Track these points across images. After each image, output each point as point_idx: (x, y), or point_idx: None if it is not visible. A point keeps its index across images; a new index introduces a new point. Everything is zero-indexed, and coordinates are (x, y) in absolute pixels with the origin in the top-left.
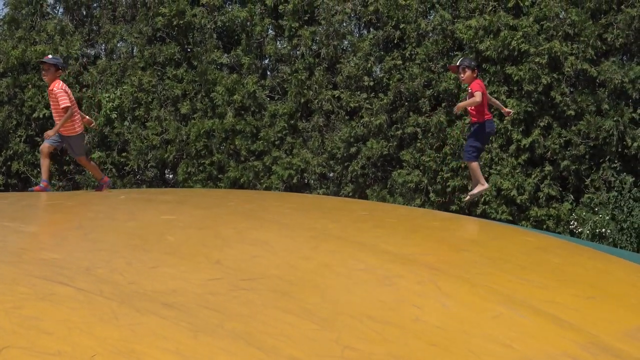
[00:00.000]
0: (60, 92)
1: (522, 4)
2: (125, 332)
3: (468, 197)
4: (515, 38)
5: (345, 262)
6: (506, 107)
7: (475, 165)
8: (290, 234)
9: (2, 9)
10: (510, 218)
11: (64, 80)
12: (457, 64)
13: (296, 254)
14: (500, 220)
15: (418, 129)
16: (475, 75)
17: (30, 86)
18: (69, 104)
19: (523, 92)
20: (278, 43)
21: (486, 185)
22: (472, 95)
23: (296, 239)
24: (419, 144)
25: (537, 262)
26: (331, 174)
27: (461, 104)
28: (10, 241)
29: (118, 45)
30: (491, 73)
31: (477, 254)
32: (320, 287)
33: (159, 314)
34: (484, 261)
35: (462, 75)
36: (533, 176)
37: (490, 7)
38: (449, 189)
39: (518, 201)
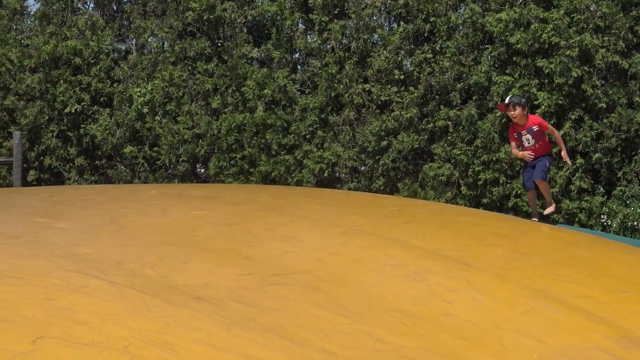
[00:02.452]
0: None
1: None
2: (158, 324)
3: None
4: (546, 31)
5: (375, 257)
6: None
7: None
8: (320, 230)
9: (33, 4)
10: (542, 211)
11: (96, 75)
12: (507, 101)
13: (326, 249)
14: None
15: (449, 122)
16: (526, 112)
17: (61, 81)
18: None
19: (554, 85)
20: (308, 37)
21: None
22: (539, 131)
23: (326, 234)
24: (450, 137)
25: (568, 257)
26: (362, 168)
27: (564, 152)
28: (42, 236)
29: (149, 40)
30: (522, 66)
31: (508, 248)
32: (351, 282)
33: (191, 307)
34: (514, 256)
35: (512, 112)
36: (564, 169)
37: (521, 0)
38: (480, 182)
39: None
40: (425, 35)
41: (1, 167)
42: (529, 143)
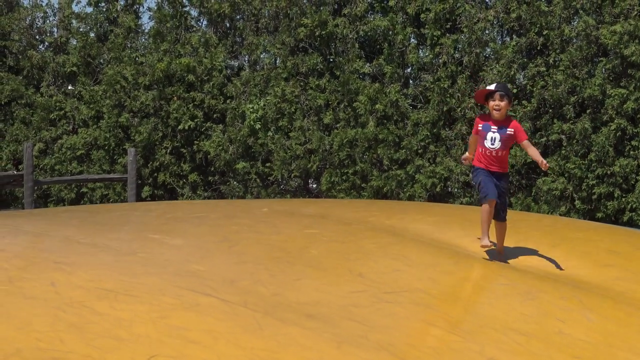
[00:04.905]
0: None
1: None
2: (269, 343)
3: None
4: None
5: (487, 276)
6: None
7: None
8: (431, 250)
9: (148, 22)
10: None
11: (209, 92)
12: (493, 88)
13: (438, 268)
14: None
15: (562, 136)
16: (509, 107)
17: (175, 98)
18: None
19: None
20: (420, 51)
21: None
22: (511, 137)
23: (437, 254)
24: (563, 151)
25: None
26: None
27: (539, 157)
28: (156, 253)
29: (261, 56)
30: (637, 78)
31: (622, 267)
32: (463, 300)
33: (302, 325)
34: (629, 275)
35: (499, 103)
36: None
37: (635, 12)
38: (594, 196)
39: None
40: (539, 48)
41: (116, 184)
42: (492, 144)
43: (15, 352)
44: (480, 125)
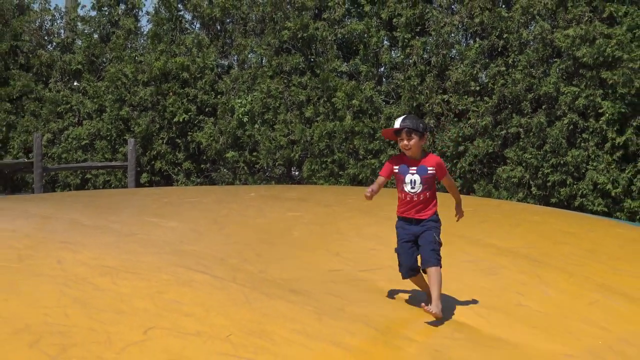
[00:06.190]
0: None
1: (615, 15)
2: (256, 315)
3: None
4: (610, 45)
5: (452, 254)
6: None
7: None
8: None
9: (146, 25)
10: (606, 210)
11: (201, 88)
12: (399, 125)
13: None
14: (596, 212)
15: (520, 129)
16: (424, 142)
17: (171, 94)
18: None
19: (617, 95)
20: (392, 52)
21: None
22: (433, 176)
23: None
24: (521, 143)
25: (630, 253)
26: None
27: (460, 206)
28: (153, 234)
29: (249, 56)
30: (587, 78)
31: (575, 246)
32: None
33: (286, 299)
34: (580, 253)
35: (405, 142)
36: (627, 171)
37: (587, 18)
38: (549, 183)
39: (613, 194)
40: (499, 50)
41: (117, 171)
42: (412, 188)
43: (25, 327)
44: (397, 168)
